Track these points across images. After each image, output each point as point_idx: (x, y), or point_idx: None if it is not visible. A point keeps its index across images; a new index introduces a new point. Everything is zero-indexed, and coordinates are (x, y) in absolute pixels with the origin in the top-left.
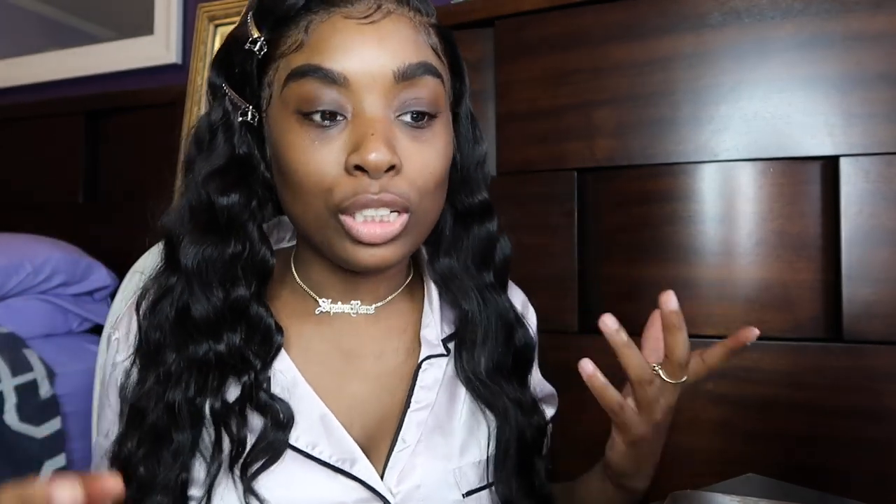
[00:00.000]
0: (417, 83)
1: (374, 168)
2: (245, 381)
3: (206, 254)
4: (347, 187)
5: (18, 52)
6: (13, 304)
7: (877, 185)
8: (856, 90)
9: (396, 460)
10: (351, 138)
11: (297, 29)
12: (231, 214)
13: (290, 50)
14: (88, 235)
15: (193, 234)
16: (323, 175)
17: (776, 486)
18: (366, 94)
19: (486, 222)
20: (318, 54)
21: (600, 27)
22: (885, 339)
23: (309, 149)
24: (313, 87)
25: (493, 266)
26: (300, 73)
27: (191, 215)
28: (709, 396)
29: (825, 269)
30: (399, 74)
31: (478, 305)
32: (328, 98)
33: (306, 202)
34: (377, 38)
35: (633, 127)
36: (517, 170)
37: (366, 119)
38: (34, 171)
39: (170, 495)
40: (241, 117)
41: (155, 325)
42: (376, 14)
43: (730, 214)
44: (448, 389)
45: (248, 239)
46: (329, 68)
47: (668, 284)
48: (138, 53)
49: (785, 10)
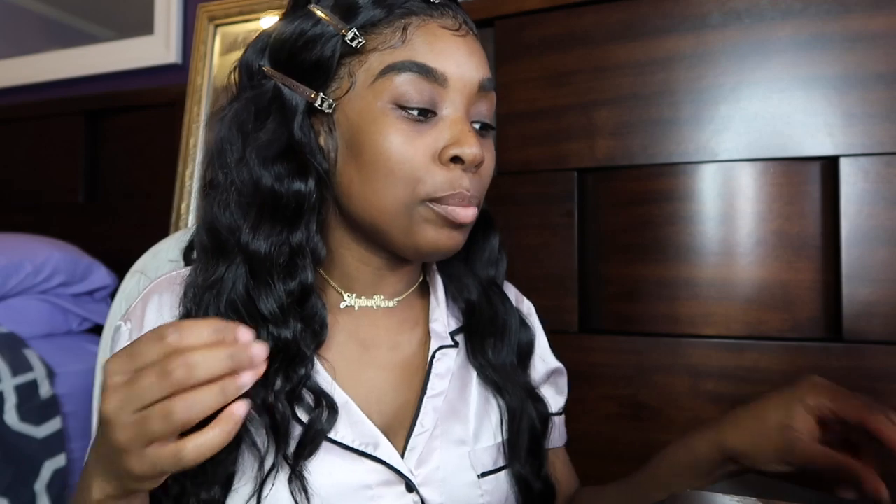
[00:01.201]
0: (488, 96)
1: (472, 160)
2: (301, 372)
3: (273, 241)
4: (439, 177)
5: (18, 52)
6: (13, 304)
7: (876, 185)
8: (855, 90)
9: (415, 444)
10: (446, 133)
11: (392, 28)
12: (300, 201)
13: (385, 46)
14: (88, 235)
15: (257, 220)
16: (416, 165)
17: (776, 486)
18: (458, 95)
19: (490, 234)
20: (420, 54)
21: (600, 27)
22: (885, 339)
23: (403, 139)
24: (415, 82)
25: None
26: (401, 67)
27: (251, 200)
28: (709, 396)
29: (825, 269)
30: (482, 85)
31: (481, 297)
32: (426, 93)
33: (391, 190)
34: (468, 50)
35: (634, 127)
36: (517, 170)
37: (460, 118)
38: (34, 171)
39: (217, 490)
40: (318, 104)
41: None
42: (462, 28)
43: (730, 214)
44: (460, 378)
45: (310, 230)
46: (434, 68)
47: (668, 284)
48: (138, 53)
49: (785, 10)
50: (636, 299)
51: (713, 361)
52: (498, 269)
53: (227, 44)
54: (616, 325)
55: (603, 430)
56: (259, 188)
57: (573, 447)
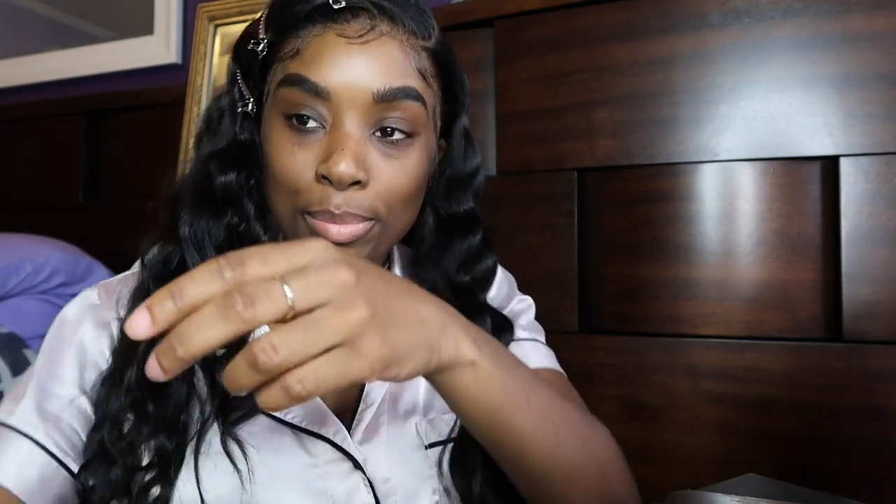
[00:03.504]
0: (397, 106)
1: (338, 180)
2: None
3: (202, 224)
4: (315, 193)
5: (18, 52)
6: (13, 304)
7: (877, 185)
8: (856, 90)
9: (360, 419)
10: (324, 149)
11: (296, 38)
12: (226, 190)
13: (287, 56)
14: (88, 235)
15: (192, 206)
16: (297, 178)
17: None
18: (346, 109)
19: (470, 234)
20: (309, 66)
21: (600, 27)
22: (885, 339)
23: (289, 151)
24: (300, 96)
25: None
26: (290, 80)
27: (192, 189)
28: (709, 396)
29: (825, 269)
30: (379, 96)
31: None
32: (312, 108)
33: (280, 198)
34: (365, 60)
35: (633, 127)
36: (517, 170)
37: (341, 133)
38: (34, 171)
39: (175, 436)
40: (242, 108)
41: (157, 280)
42: (370, 34)
43: (730, 214)
44: None
45: (244, 215)
46: (315, 82)
47: (668, 284)
48: (138, 53)
49: (785, 10)
50: (636, 299)
51: (713, 361)
52: (472, 271)
53: (227, 44)
54: (616, 325)
55: None
56: (200, 178)
57: None
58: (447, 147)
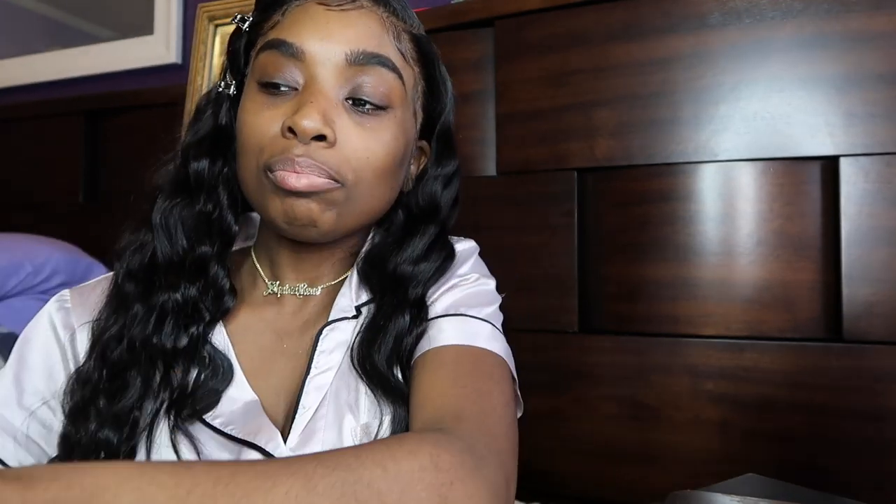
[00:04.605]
0: (369, 71)
1: (302, 131)
2: (193, 332)
3: (173, 210)
4: (278, 145)
5: (18, 52)
6: (13, 304)
7: (877, 185)
8: (856, 90)
9: (297, 426)
10: (293, 106)
11: (277, 13)
12: (199, 177)
13: (269, 28)
14: (88, 235)
15: (166, 193)
16: (261, 135)
17: (776, 486)
18: (318, 68)
19: (428, 231)
20: (287, 31)
21: (600, 27)
22: (885, 339)
23: (256, 111)
24: (274, 59)
25: (414, 272)
26: (268, 45)
27: (169, 178)
28: (709, 396)
29: (825, 269)
30: (352, 58)
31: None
32: (285, 69)
33: (246, 162)
34: (341, 23)
35: (633, 127)
36: (517, 170)
37: (311, 90)
38: (34, 171)
39: (122, 429)
40: (225, 90)
41: (127, 276)
42: (349, 4)
43: (730, 214)
44: None
45: (217, 202)
46: (291, 42)
47: (668, 284)
48: (138, 53)
49: (785, 10)
50: (636, 299)
51: (713, 361)
52: (417, 268)
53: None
54: (616, 325)
55: (603, 430)
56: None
57: (572, 447)
58: (428, 148)
